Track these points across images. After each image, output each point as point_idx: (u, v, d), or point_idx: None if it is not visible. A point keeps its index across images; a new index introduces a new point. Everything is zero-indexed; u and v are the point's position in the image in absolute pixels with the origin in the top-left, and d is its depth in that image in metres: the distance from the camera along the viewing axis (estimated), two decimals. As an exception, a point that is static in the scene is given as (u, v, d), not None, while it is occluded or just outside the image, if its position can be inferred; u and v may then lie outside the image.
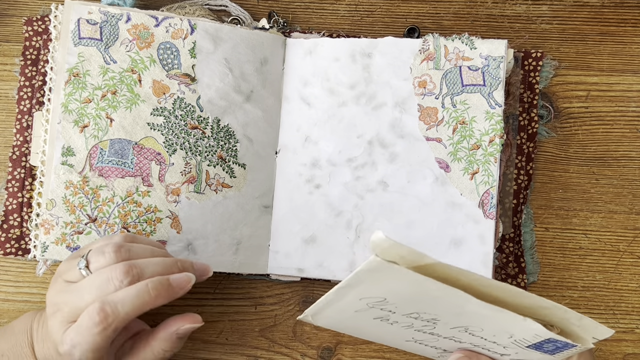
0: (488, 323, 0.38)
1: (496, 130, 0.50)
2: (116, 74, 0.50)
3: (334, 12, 0.56)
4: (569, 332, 0.39)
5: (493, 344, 0.40)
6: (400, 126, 0.51)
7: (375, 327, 0.42)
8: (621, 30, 0.55)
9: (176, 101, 0.50)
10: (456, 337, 0.41)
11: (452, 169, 0.51)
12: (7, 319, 0.52)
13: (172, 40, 0.50)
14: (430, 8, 0.55)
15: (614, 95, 0.54)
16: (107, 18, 0.50)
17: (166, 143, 0.50)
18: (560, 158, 0.54)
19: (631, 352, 0.52)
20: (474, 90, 0.51)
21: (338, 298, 0.38)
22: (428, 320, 0.39)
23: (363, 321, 0.41)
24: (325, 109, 0.52)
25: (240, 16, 0.54)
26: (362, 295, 0.37)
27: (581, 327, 0.38)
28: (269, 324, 0.52)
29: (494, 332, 0.39)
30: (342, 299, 0.38)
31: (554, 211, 0.54)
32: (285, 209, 0.52)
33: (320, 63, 0.52)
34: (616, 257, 0.53)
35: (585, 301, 0.53)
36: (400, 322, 0.40)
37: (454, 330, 0.40)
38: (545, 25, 0.55)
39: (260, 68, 0.52)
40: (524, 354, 0.40)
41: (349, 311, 0.40)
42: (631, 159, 0.54)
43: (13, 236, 0.51)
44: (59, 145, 0.49)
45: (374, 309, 0.39)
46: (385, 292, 0.37)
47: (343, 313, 0.41)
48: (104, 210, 0.48)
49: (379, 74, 0.52)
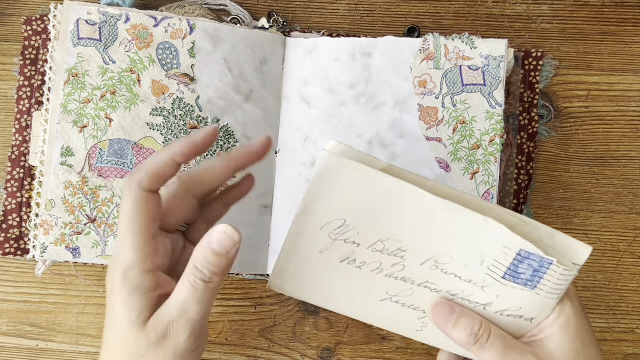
0: (454, 243, 0.36)
1: (496, 130, 0.50)
2: (115, 74, 0.49)
3: (334, 12, 0.55)
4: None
5: (469, 284, 0.38)
6: (400, 126, 0.51)
7: (347, 281, 0.39)
8: (622, 30, 0.55)
9: (175, 101, 0.50)
10: (431, 281, 0.39)
11: (452, 168, 0.50)
12: (6, 319, 0.52)
13: (171, 40, 0.50)
14: (430, 7, 0.55)
15: (615, 95, 0.54)
16: (106, 18, 0.49)
17: (166, 143, 0.49)
18: (561, 158, 0.54)
19: (632, 352, 0.52)
20: (474, 90, 0.50)
21: (300, 231, 0.37)
22: (395, 255, 0.37)
23: (331, 272, 0.39)
24: (325, 108, 0.52)
25: (240, 16, 0.54)
26: (321, 220, 0.36)
27: (557, 249, 0.36)
28: (269, 325, 0.52)
29: (465, 261, 0.37)
30: (304, 235, 0.37)
31: (554, 211, 0.53)
32: (285, 209, 0.52)
33: (320, 63, 0.52)
34: (617, 257, 0.53)
35: (586, 301, 0.53)
36: (368, 262, 0.38)
37: (424, 269, 0.38)
38: (545, 24, 0.55)
39: (259, 68, 0.52)
40: (505, 297, 0.38)
41: (314, 256, 0.38)
42: (632, 159, 0.54)
43: (12, 236, 0.51)
44: (58, 145, 0.49)
45: (338, 244, 0.37)
46: (343, 210, 0.36)
47: (308, 264, 0.39)
48: (104, 211, 0.48)
49: (379, 73, 0.51)
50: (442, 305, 0.39)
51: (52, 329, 0.52)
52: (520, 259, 0.36)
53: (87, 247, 0.48)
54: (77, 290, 0.52)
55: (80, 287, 0.52)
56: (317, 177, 0.35)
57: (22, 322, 0.52)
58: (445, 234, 0.36)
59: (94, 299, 0.52)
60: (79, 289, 0.52)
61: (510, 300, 0.38)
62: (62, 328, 0.52)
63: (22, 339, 0.52)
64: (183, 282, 0.36)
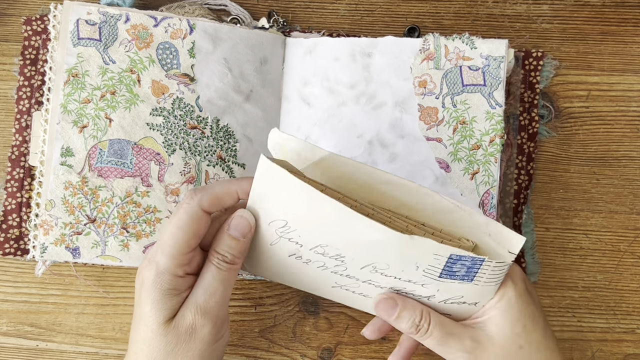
0: (386, 255, 0.37)
1: (496, 130, 0.50)
2: (115, 74, 0.49)
3: (334, 12, 0.55)
4: (487, 249, 0.37)
5: (409, 283, 0.39)
6: (400, 126, 0.51)
7: (297, 270, 0.41)
8: (622, 30, 0.55)
9: (175, 101, 0.50)
10: (373, 280, 0.40)
11: (452, 169, 0.50)
12: (6, 319, 0.52)
13: (171, 40, 0.50)
14: (430, 7, 0.55)
15: (615, 95, 0.54)
16: (106, 18, 0.49)
17: (165, 143, 0.49)
18: (561, 158, 0.54)
19: (632, 352, 0.52)
20: (474, 90, 0.50)
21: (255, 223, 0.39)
22: (336, 258, 0.39)
23: (283, 262, 0.41)
24: (325, 108, 0.52)
25: (240, 15, 0.54)
26: (267, 217, 0.38)
27: (493, 236, 0.37)
28: (269, 325, 0.52)
29: (401, 267, 0.38)
30: (258, 226, 0.39)
31: (554, 211, 0.53)
32: (285, 209, 0.52)
33: (320, 62, 0.52)
34: (617, 257, 0.53)
35: (586, 301, 0.53)
36: (312, 260, 0.40)
37: (365, 271, 0.39)
38: (546, 24, 0.55)
39: (259, 68, 0.52)
40: (446, 290, 0.39)
41: (266, 247, 0.40)
42: (632, 158, 0.54)
43: (12, 236, 0.51)
44: (58, 145, 0.48)
45: (284, 241, 0.39)
46: (284, 212, 0.37)
47: (263, 252, 0.41)
48: (103, 211, 0.48)
49: (379, 73, 0.51)
50: (384, 301, 0.41)
51: (52, 329, 0.52)
52: (453, 261, 0.37)
53: (87, 247, 0.48)
54: (77, 290, 0.52)
55: (80, 287, 0.52)
56: (258, 179, 0.37)
57: (22, 322, 0.52)
58: (375, 247, 0.37)
59: (93, 299, 0.52)
60: (79, 289, 0.52)
61: (451, 291, 0.39)
62: (62, 328, 0.52)
63: (22, 339, 0.52)
64: (207, 266, 0.40)
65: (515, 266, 0.41)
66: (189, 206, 0.39)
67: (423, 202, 0.36)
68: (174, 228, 0.39)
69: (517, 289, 0.40)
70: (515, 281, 0.40)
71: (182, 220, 0.39)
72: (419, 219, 0.38)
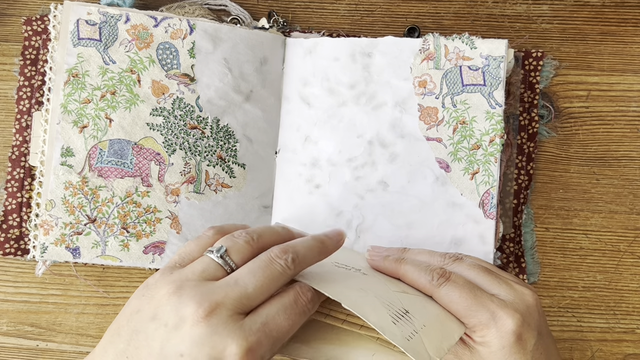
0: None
1: (496, 130, 0.50)
2: (115, 74, 0.49)
3: (334, 12, 0.55)
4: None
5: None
6: (400, 126, 0.51)
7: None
8: (622, 30, 0.55)
9: (175, 101, 0.50)
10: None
11: (452, 169, 0.50)
12: (6, 319, 0.52)
13: (171, 40, 0.50)
14: (430, 7, 0.55)
15: (615, 95, 0.54)
16: (106, 19, 0.49)
17: (165, 143, 0.49)
18: (561, 158, 0.54)
19: (632, 352, 0.52)
20: (474, 90, 0.50)
21: None
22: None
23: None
24: (325, 108, 0.52)
25: (240, 16, 0.54)
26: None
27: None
28: (269, 325, 0.52)
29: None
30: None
31: (554, 211, 0.53)
32: (285, 209, 0.52)
33: (320, 63, 0.52)
34: (617, 257, 0.53)
35: (586, 301, 0.53)
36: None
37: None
38: (545, 24, 0.55)
39: (259, 68, 0.52)
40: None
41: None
42: (632, 159, 0.54)
43: (12, 236, 0.51)
44: (58, 145, 0.49)
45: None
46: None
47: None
48: (104, 211, 0.48)
49: (379, 73, 0.51)
50: None
51: (52, 329, 0.52)
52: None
53: (87, 247, 0.48)
54: (77, 290, 0.52)
55: (80, 287, 0.52)
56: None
57: (22, 322, 0.52)
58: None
59: (94, 299, 0.52)
60: (79, 289, 0.52)
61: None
62: (62, 328, 0.52)
63: (22, 339, 0.52)
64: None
65: (520, 302, 0.38)
66: (307, 308, 0.36)
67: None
68: (288, 326, 0.35)
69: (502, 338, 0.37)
70: (500, 327, 0.37)
71: (297, 324, 0.35)
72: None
